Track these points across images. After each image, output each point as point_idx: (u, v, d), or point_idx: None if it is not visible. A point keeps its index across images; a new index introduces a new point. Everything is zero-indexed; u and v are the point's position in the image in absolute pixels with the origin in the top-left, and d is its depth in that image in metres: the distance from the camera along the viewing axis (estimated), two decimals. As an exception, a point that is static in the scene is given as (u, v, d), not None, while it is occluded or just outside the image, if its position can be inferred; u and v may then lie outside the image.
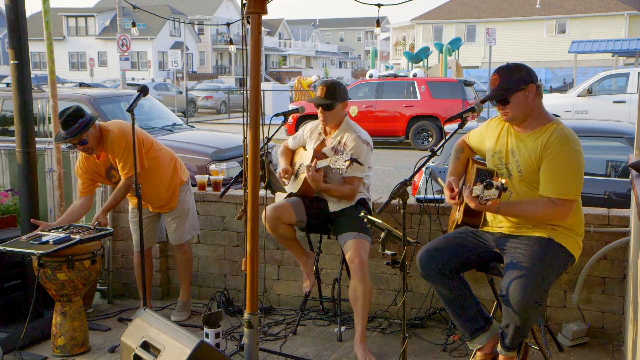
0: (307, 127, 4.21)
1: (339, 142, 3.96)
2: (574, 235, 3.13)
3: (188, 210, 4.48)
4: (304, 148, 4.19)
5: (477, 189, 2.88)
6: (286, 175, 4.12)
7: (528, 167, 3.07)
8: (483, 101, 3.20)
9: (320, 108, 3.95)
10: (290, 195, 4.11)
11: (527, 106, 3.07)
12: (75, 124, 3.94)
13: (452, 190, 3.22)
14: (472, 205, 2.97)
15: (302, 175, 4.00)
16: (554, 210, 2.99)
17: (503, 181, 2.71)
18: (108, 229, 4.18)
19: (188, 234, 4.51)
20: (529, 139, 3.09)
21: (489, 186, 2.72)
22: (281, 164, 4.21)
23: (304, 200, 4.05)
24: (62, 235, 3.87)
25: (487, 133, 3.32)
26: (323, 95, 3.94)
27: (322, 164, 3.78)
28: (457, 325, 3.31)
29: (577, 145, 3.02)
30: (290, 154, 4.30)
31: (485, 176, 3.14)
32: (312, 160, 3.87)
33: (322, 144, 4.06)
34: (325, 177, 3.90)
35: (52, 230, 4.00)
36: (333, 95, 3.93)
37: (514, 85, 3.05)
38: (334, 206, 3.97)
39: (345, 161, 3.56)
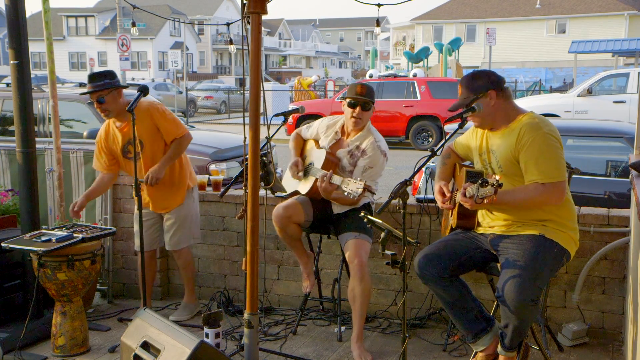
0: (324, 122, 4.12)
1: (357, 146, 3.90)
2: (566, 229, 3.13)
3: (187, 217, 4.42)
4: (316, 143, 4.11)
5: (471, 189, 2.90)
6: (296, 168, 4.06)
7: (507, 161, 3.12)
8: (451, 111, 3.27)
9: (358, 107, 3.86)
10: (295, 193, 4.10)
11: (490, 110, 3.15)
12: (100, 81, 4.11)
13: (443, 195, 3.26)
14: (467, 205, 2.98)
15: (312, 179, 3.95)
16: (545, 193, 3.00)
17: (497, 177, 2.73)
18: (111, 229, 4.19)
19: (184, 241, 4.45)
20: (504, 135, 3.16)
21: (484, 184, 2.73)
22: (292, 153, 4.18)
23: (311, 199, 4.03)
24: (65, 233, 3.87)
25: (471, 138, 3.40)
26: (364, 93, 3.85)
27: (336, 180, 3.67)
28: (459, 327, 3.32)
29: (549, 130, 3.06)
30: (302, 143, 4.24)
31: (475, 177, 3.18)
32: (324, 163, 3.84)
33: (338, 144, 4.00)
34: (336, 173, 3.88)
35: (55, 229, 4.01)
36: (371, 95, 3.89)
37: (474, 93, 3.15)
38: (337, 208, 3.96)
39: (358, 188, 3.41)
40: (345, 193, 3.50)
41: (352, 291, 3.79)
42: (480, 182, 2.75)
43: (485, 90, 3.14)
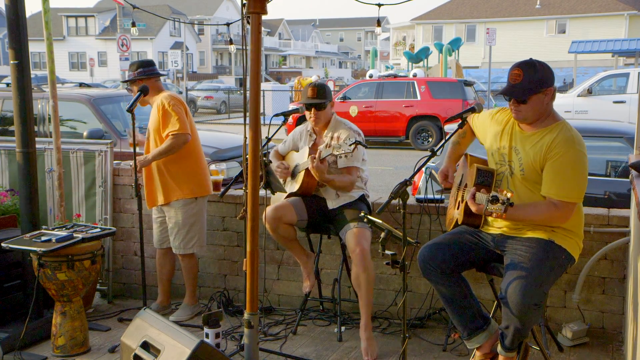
0: (297, 131, 4.28)
1: (332, 137, 4.02)
2: (574, 236, 3.12)
3: (186, 224, 4.38)
4: (296, 151, 4.24)
5: (480, 198, 2.87)
6: (281, 168, 4.16)
7: (530, 166, 3.06)
8: (500, 93, 3.15)
9: (312, 109, 4.02)
10: (290, 195, 4.11)
11: (541, 108, 3.04)
12: (131, 71, 4.42)
13: (445, 178, 3.28)
14: (474, 209, 2.96)
15: (301, 174, 4.02)
16: (555, 213, 2.98)
17: (509, 195, 2.68)
18: (111, 229, 4.19)
19: (189, 247, 4.43)
20: (534, 138, 3.07)
21: (494, 201, 2.68)
22: (274, 162, 4.25)
23: (303, 199, 4.05)
24: (65, 233, 3.87)
25: (491, 124, 3.29)
26: (315, 95, 4.01)
27: (326, 152, 3.79)
28: (455, 324, 3.31)
29: (582, 147, 3.00)
30: (281, 158, 4.36)
31: (486, 177, 3.14)
32: (308, 155, 3.90)
33: (315, 144, 4.10)
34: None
35: (55, 229, 4.01)
36: (323, 95, 4.02)
37: (536, 86, 2.99)
38: (332, 203, 3.98)
39: (350, 145, 3.58)
40: (337, 153, 3.66)
41: (357, 279, 3.78)
42: (490, 197, 2.70)
43: (547, 87, 3.00)
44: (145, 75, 4.38)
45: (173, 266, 4.65)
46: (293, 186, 4.11)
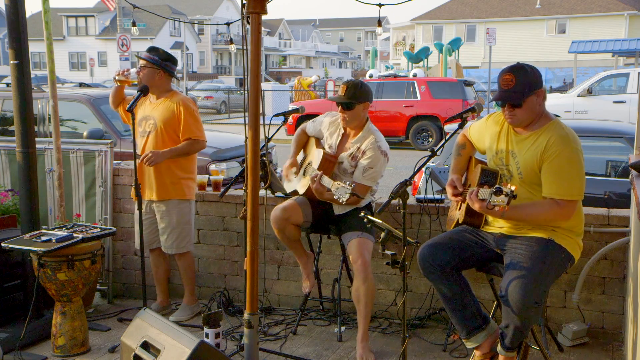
0: (327, 119, 4.12)
1: (358, 148, 3.91)
2: (574, 235, 3.12)
3: (180, 223, 4.40)
4: (317, 141, 4.12)
5: (484, 193, 2.86)
6: (291, 169, 4.10)
7: (528, 168, 3.07)
8: (494, 100, 3.17)
9: (340, 107, 3.90)
10: (294, 193, 4.10)
11: (535, 110, 3.06)
12: (151, 54, 4.36)
13: (454, 188, 3.23)
14: (476, 208, 2.96)
15: (308, 179, 3.97)
16: (558, 211, 2.99)
17: (513, 188, 2.67)
18: (111, 229, 4.20)
19: (182, 246, 4.44)
20: (529, 140, 3.08)
21: (498, 192, 2.68)
22: (292, 151, 4.19)
23: (310, 200, 4.03)
24: (65, 233, 3.87)
25: (487, 129, 3.31)
26: (343, 93, 3.88)
27: (325, 182, 3.71)
28: (454, 323, 3.31)
29: (578, 145, 3.02)
30: (305, 140, 4.24)
31: (490, 177, 3.13)
32: (320, 164, 3.85)
33: (342, 143, 4.00)
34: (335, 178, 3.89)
35: (55, 229, 4.01)
36: (353, 95, 3.87)
37: (529, 88, 3.01)
38: (338, 209, 3.96)
39: (347, 193, 3.45)
40: (335, 197, 3.53)
41: (357, 291, 3.78)
42: (494, 189, 2.71)
43: (537, 88, 3.02)
44: (166, 70, 4.36)
45: (168, 266, 4.67)
46: (301, 186, 4.07)
